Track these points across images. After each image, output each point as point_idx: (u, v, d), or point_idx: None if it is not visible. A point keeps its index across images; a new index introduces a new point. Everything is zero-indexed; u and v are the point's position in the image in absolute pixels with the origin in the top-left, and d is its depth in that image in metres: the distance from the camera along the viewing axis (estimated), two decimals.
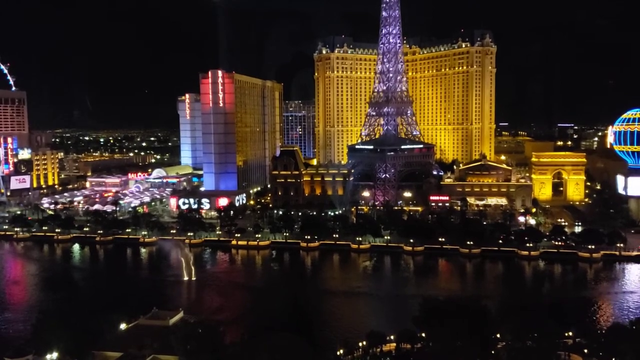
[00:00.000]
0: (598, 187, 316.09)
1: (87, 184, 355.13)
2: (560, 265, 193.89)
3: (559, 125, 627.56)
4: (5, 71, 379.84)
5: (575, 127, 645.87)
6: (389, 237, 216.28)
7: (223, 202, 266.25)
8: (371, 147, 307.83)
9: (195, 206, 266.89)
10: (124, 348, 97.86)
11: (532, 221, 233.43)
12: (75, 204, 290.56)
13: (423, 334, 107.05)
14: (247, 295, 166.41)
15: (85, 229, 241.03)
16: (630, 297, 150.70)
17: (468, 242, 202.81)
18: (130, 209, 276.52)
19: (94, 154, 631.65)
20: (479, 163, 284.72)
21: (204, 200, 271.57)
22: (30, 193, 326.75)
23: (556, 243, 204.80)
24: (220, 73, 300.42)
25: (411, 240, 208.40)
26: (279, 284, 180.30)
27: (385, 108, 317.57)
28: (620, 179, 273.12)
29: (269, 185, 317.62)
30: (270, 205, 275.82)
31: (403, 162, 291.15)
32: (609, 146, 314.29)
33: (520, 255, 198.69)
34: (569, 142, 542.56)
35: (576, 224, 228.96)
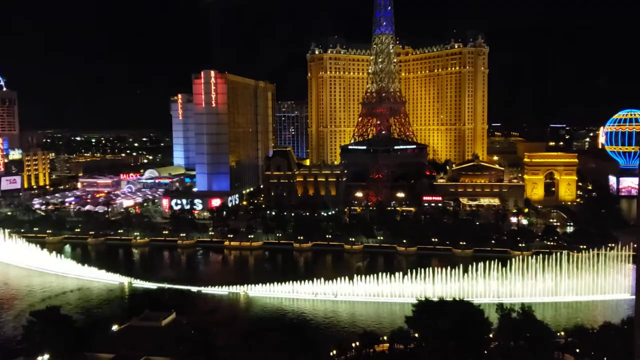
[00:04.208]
0: (590, 187, 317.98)
1: (79, 185, 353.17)
2: None
3: (551, 125, 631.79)
4: None
5: (567, 128, 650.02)
6: (381, 238, 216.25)
7: (216, 202, 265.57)
8: (364, 147, 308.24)
9: (188, 207, 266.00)
10: (115, 350, 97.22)
11: (525, 221, 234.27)
12: (67, 204, 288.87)
13: (416, 334, 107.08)
14: (240, 296, 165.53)
15: (76, 230, 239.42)
16: (622, 296, 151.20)
17: (461, 243, 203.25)
18: (122, 210, 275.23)
19: (86, 154, 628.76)
20: (472, 163, 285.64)
21: (197, 201, 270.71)
22: (21, 194, 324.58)
23: (548, 243, 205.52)
24: (212, 73, 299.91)
25: (404, 241, 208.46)
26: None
27: (378, 108, 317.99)
28: (611, 179, 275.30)
29: (261, 186, 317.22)
30: (263, 206, 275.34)
31: (396, 163, 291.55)
32: (600, 147, 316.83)
33: (513, 256, 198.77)
34: (561, 143, 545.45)
35: (568, 224, 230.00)
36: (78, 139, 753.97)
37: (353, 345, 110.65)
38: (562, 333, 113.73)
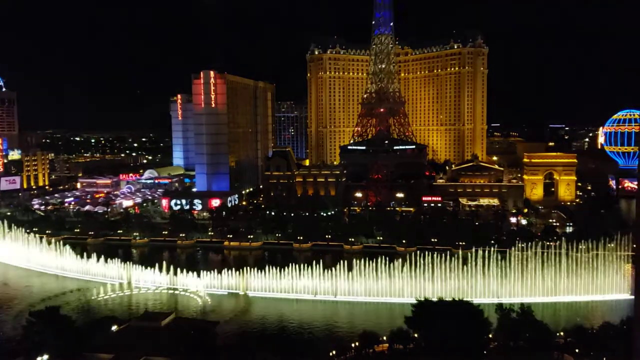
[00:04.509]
0: (589, 188, 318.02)
1: (78, 185, 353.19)
2: None
3: (550, 126, 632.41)
4: None
5: (567, 128, 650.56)
6: (381, 238, 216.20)
7: (215, 202, 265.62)
8: (363, 147, 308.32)
9: (187, 207, 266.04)
10: (115, 350, 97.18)
11: (524, 221, 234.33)
12: (66, 205, 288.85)
13: (416, 335, 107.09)
14: (239, 297, 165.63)
15: (76, 230, 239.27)
16: (621, 296, 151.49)
17: (460, 243, 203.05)
18: (121, 210, 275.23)
19: (85, 154, 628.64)
20: (471, 164, 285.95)
21: (196, 201, 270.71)
22: (20, 194, 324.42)
23: (547, 243, 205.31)
24: (212, 73, 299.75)
25: (403, 241, 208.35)
26: None
27: (378, 109, 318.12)
28: (611, 179, 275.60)
29: (261, 186, 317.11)
30: (263, 206, 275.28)
31: (395, 163, 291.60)
32: (599, 147, 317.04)
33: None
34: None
35: (567, 224, 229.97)
36: (77, 139, 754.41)
37: (352, 345, 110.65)
38: (562, 333, 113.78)
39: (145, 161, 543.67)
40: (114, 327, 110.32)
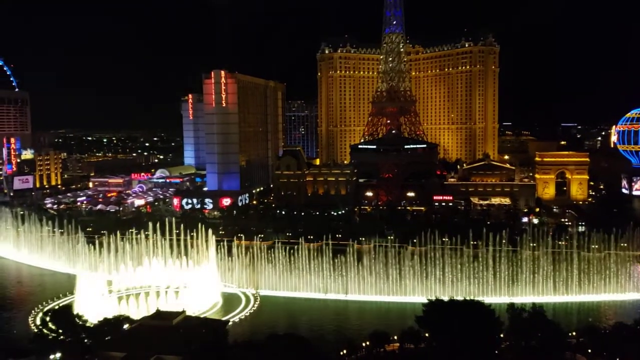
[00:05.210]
0: (602, 187, 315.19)
1: (90, 184, 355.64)
2: None
3: (562, 124, 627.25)
4: (9, 72, 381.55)
5: (579, 127, 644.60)
6: (392, 237, 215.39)
7: (226, 202, 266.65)
8: (374, 147, 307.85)
9: (199, 206, 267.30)
10: (127, 349, 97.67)
11: (536, 221, 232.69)
12: (79, 204, 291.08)
13: (427, 334, 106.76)
14: (250, 295, 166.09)
15: (88, 229, 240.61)
16: (634, 296, 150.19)
17: (472, 242, 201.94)
18: (133, 209, 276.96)
19: (97, 154, 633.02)
20: (483, 163, 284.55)
21: (207, 200, 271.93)
22: (33, 193, 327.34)
23: (559, 243, 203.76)
24: (223, 73, 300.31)
25: (414, 240, 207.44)
26: None
27: (389, 108, 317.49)
28: (624, 178, 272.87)
29: (271, 185, 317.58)
30: (273, 205, 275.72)
31: (406, 162, 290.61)
32: (612, 145, 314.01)
33: None
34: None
35: (580, 223, 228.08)
36: (90, 138, 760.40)
37: (363, 344, 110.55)
38: (574, 333, 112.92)
39: (156, 160, 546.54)
40: (126, 326, 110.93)
